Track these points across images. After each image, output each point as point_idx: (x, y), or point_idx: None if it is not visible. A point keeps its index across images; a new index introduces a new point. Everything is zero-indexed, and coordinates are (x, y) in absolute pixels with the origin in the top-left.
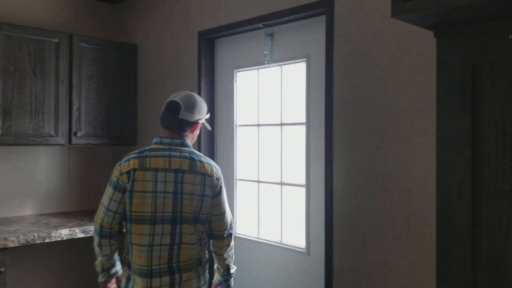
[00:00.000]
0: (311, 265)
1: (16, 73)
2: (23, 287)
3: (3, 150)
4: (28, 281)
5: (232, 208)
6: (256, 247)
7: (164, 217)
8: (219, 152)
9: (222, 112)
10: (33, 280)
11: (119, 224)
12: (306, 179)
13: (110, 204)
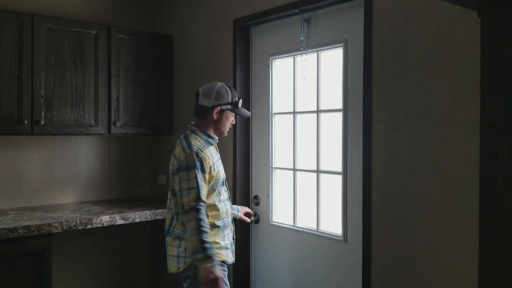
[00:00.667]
0: (349, 253)
1: (58, 65)
2: (66, 271)
3: (46, 140)
4: (71, 265)
5: (269, 196)
6: (293, 235)
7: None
8: (254, 141)
9: (258, 100)
10: (75, 264)
11: None
12: (343, 166)
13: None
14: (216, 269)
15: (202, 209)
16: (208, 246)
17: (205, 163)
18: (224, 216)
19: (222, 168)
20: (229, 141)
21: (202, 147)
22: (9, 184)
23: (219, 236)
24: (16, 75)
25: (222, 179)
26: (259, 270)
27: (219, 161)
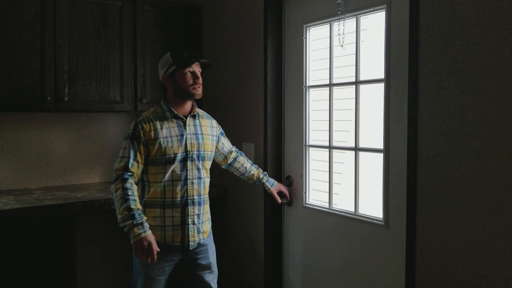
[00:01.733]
0: (390, 238)
1: (81, 39)
2: (90, 252)
3: (73, 118)
4: (95, 246)
5: (303, 177)
6: (328, 219)
7: None
8: (287, 117)
9: (291, 73)
10: (99, 245)
11: None
12: (385, 143)
13: None
14: (147, 235)
15: (129, 178)
16: (137, 213)
17: (143, 134)
18: (159, 197)
19: (198, 142)
20: (259, 117)
21: (148, 119)
22: (36, 163)
23: (153, 215)
24: (38, 49)
25: (182, 154)
26: (292, 255)
27: (189, 135)
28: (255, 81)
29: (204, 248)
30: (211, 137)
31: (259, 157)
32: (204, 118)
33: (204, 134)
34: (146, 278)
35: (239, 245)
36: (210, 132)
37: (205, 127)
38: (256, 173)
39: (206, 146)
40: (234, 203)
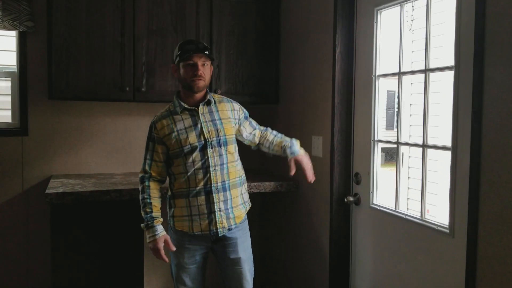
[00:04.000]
0: (455, 249)
1: (159, 31)
2: None
3: (154, 107)
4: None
5: (370, 174)
6: (394, 222)
7: None
8: (357, 109)
9: (361, 61)
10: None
11: None
12: (453, 139)
13: None
14: (156, 238)
15: (146, 181)
16: (148, 217)
17: (157, 133)
18: (185, 187)
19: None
20: (327, 109)
21: (160, 117)
22: (121, 150)
23: (181, 205)
24: (119, 42)
25: (199, 143)
26: (359, 255)
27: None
28: (324, 70)
29: (233, 241)
30: (233, 120)
31: (326, 151)
32: (223, 102)
33: (223, 119)
34: (178, 266)
35: (305, 243)
36: (231, 115)
37: (224, 111)
38: (279, 142)
39: (226, 131)
40: (303, 199)
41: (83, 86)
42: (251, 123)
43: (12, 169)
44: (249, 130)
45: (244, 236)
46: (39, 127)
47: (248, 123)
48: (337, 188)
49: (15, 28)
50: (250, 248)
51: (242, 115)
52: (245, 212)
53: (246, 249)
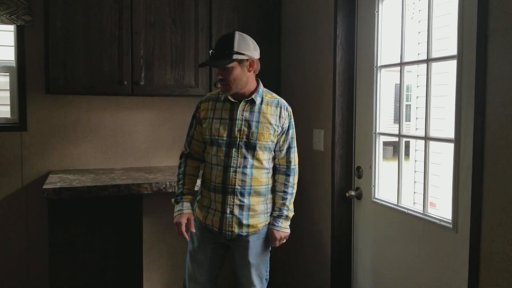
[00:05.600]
0: (458, 245)
1: (157, 24)
2: (158, 234)
3: (154, 101)
4: (162, 228)
5: (372, 168)
6: (396, 217)
7: None
8: (358, 101)
9: (362, 52)
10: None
11: None
12: (456, 131)
13: None
14: (179, 215)
15: (183, 157)
16: (178, 191)
17: (199, 113)
18: (207, 178)
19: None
20: (328, 102)
21: (207, 98)
22: (121, 145)
23: (204, 195)
24: (116, 35)
25: (226, 139)
26: (361, 251)
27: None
28: (324, 62)
29: (245, 244)
30: (271, 126)
31: (327, 145)
32: (270, 105)
33: (262, 122)
34: (191, 254)
35: (306, 238)
36: (272, 120)
37: (266, 115)
38: (278, 198)
39: (260, 136)
40: (304, 194)
41: (81, 81)
42: (287, 142)
43: (12, 165)
44: (281, 148)
45: (258, 242)
46: (38, 122)
47: (286, 140)
48: (338, 182)
49: (12, 22)
50: (264, 255)
51: (286, 125)
52: (265, 223)
53: (259, 255)
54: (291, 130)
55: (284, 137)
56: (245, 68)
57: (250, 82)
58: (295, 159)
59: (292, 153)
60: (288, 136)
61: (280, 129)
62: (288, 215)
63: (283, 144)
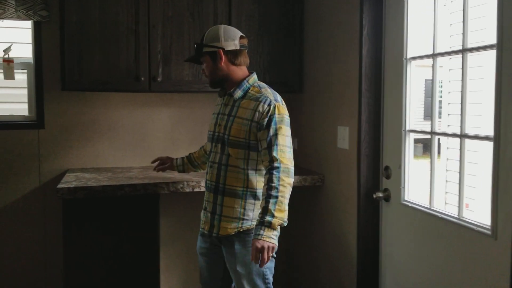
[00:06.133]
0: (498, 253)
1: (175, 18)
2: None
3: (173, 98)
4: (179, 227)
5: (401, 168)
6: (428, 221)
7: None
8: (386, 96)
9: (390, 43)
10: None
11: None
12: (495, 128)
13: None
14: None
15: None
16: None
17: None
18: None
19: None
20: (354, 97)
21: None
22: (140, 142)
23: None
24: (133, 30)
25: (211, 134)
26: (389, 256)
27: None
28: (350, 54)
29: (231, 250)
30: (245, 121)
31: (353, 143)
32: (250, 99)
33: (237, 117)
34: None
35: (331, 241)
36: (248, 115)
37: (245, 110)
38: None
39: (232, 131)
40: (329, 194)
41: (97, 77)
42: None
43: (29, 163)
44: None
45: (245, 251)
46: (55, 119)
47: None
48: (364, 183)
49: (29, 18)
50: (253, 264)
51: (265, 120)
52: (237, 230)
53: (248, 265)
54: (273, 126)
55: (264, 134)
56: (217, 60)
57: (233, 75)
58: (280, 157)
59: (275, 151)
60: (269, 132)
61: (254, 124)
62: (272, 222)
63: (262, 141)
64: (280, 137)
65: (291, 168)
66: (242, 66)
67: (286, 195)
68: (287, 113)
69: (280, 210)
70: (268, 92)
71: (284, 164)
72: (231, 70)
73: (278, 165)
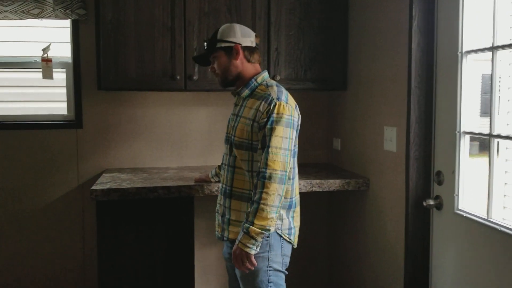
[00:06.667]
0: None
1: (211, 13)
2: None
3: (210, 97)
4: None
5: (455, 173)
6: (485, 233)
7: None
8: (439, 94)
9: (443, 34)
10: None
11: None
12: None
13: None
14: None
15: None
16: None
17: None
18: None
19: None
20: (402, 95)
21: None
22: (177, 142)
23: None
24: (168, 27)
25: (225, 135)
26: (441, 271)
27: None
28: (399, 48)
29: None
30: (248, 121)
31: (401, 145)
32: (255, 98)
33: (242, 117)
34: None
35: (376, 250)
36: (250, 115)
37: (248, 109)
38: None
39: (237, 131)
40: (374, 200)
41: (132, 76)
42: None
43: (68, 163)
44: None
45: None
46: (93, 119)
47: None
48: (414, 189)
49: (67, 17)
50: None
51: (263, 119)
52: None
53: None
54: (268, 127)
55: (261, 134)
56: (233, 56)
57: (246, 73)
58: (270, 161)
59: (265, 154)
60: (264, 133)
61: (258, 125)
62: (249, 230)
63: (258, 142)
64: (273, 139)
65: (279, 174)
66: (256, 64)
67: (269, 203)
68: (289, 113)
69: (261, 218)
70: (273, 90)
71: (270, 169)
72: (245, 67)
73: (264, 170)
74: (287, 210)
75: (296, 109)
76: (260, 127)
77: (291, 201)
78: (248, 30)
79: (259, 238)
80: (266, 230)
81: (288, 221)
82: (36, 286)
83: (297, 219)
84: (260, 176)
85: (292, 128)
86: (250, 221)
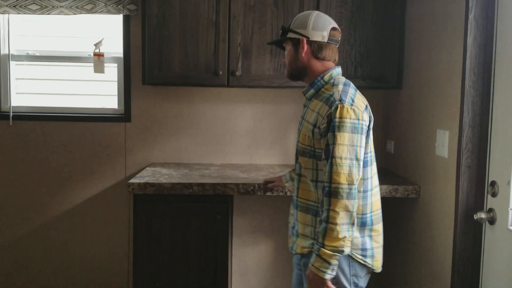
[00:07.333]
0: None
1: (257, 6)
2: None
3: (257, 93)
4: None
5: (510, 185)
6: None
7: None
8: (497, 95)
9: (504, 28)
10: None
11: None
12: None
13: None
14: None
15: None
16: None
17: None
18: None
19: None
20: (455, 95)
21: None
22: (221, 139)
23: None
24: (213, 21)
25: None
26: None
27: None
28: (454, 43)
29: (304, 272)
30: (310, 126)
31: (453, 151)
32: (319, 100)
33: (305, 121)
34: None
35: (421, 268)
36: (311, 119)
37: (311, 112)
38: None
39: (300, 136)
40: (425, 210)
41: (176, 70)
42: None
43: (116, 156)
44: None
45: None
46: (141, 113)
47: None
48: (464, 200)
49: (118, 12)
50: None
51: (324, 125)
52: (308, 250)
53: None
54: (330, 133)
55: (323, 142)
56: (299, 49)
57: (312, 69)
58: (334, 173)
59: (330, 165)
60: (326, 141)
61: (319, 131)
62: (320, 253)
63: (322, 152)
64: (337, 148)
65: (346, 188)
66: (326, 61)
67: (338, 221)
68: (355, 116)
69: (331, 239)
70: (337, 90)
71: (335, 183)
72: (311, 63)
73: (328, 184)
74: (360, 228)
75: (366, 111)
76: (321, 134)
77: (365, 218)
78: (324, 22)
79: (333, 261)
80: (340, 251)
81: (362, 241)
82: (84, 271)
83: (378, 239)
84: (325, 192)
85: (359, 134)
86: (320, 242)
